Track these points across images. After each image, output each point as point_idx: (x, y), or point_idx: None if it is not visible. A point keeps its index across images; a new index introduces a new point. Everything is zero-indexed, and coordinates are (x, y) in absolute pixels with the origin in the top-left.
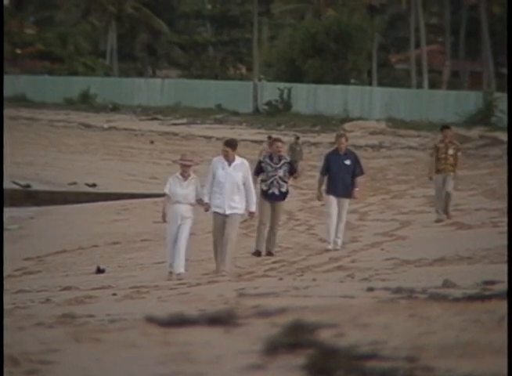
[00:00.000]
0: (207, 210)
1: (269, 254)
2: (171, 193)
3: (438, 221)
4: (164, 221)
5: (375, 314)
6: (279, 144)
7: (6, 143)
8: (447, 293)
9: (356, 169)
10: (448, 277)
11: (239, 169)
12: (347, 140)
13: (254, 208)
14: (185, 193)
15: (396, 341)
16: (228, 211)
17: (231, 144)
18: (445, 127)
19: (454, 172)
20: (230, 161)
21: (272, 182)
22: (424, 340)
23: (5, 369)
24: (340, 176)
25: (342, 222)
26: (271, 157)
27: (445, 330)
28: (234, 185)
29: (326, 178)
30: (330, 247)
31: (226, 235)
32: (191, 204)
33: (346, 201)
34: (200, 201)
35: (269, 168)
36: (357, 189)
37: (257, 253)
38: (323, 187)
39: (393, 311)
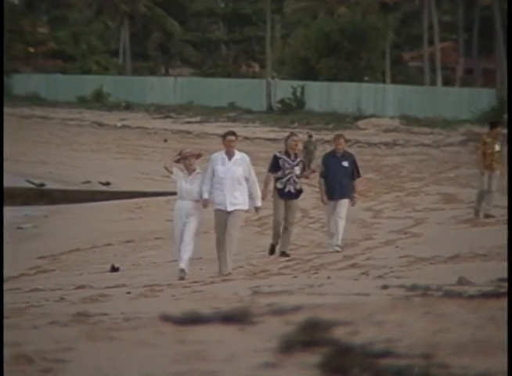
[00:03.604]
0: (205, 207)
1: (283, 254)
2: (177, 188)
3: (490, 216)
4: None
5: (390, 312)
6: (295, 138)
7: (12, 142)
8: (462, 290)
9: (354, 172)
10: (462, 274)
11: (240, 164)
12: (345, 141)
13: (259, 203)
14: (189, 189)
15: (411, 339)
16: (230, 208)
17: (234, 133)
18: (496, 122)
19: (500, 170)
20: (230, 156)
21: (288, 180)
22: (439, 337)
23: (20, 367)
24: (338, 179)
25: (341, 220)
26: (288, 154)
27: (460, 327)
28: (235, 180)
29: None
30: (331, 249)
31: (228, 234)
32: (195, 201)
33: (344, 202)
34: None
35: (287, 165)
36: (355, 195)
37: (272, 247)
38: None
39: (408, 308)
